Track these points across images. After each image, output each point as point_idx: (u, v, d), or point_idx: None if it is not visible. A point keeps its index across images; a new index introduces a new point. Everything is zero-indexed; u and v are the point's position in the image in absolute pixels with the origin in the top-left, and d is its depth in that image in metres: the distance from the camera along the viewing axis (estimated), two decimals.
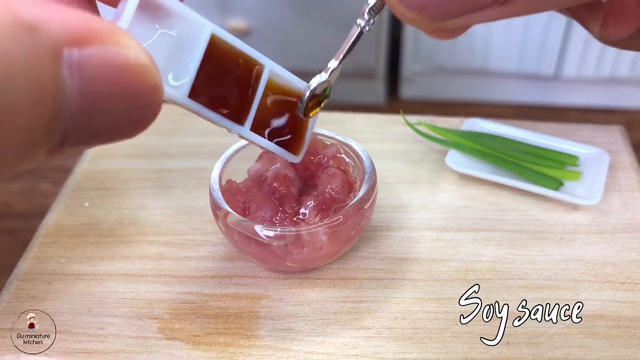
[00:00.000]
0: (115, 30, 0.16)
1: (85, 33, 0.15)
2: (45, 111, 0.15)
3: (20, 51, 0.14)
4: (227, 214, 0.32)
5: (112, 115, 0.16)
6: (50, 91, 0.14)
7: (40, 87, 0.14)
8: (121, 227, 0.38)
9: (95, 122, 0.16)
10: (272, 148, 0.29)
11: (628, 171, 0.42)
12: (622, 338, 0.31)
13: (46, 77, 0.14)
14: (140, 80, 0.16)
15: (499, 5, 0.20)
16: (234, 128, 0.27)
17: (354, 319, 0.32)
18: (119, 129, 0.17)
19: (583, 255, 0.36)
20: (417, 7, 0.20)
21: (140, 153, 0.45)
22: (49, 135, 0.15)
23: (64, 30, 0.15)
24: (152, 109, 0.17)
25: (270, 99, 0.28)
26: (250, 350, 0.31)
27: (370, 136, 0.46)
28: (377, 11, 0.25)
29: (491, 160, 0.41)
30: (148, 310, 0.33)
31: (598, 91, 1.22)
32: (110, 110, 0.16)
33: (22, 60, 0.14)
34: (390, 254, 0.36)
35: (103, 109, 0.16)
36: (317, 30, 1.14)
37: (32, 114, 0.14)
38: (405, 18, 0.21)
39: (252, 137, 0.28)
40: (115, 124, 0.17)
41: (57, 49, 0.15)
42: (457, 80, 1.24)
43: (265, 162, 0.34)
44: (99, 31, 0.15)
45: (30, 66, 0.14)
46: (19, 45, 0.14)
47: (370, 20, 0.25)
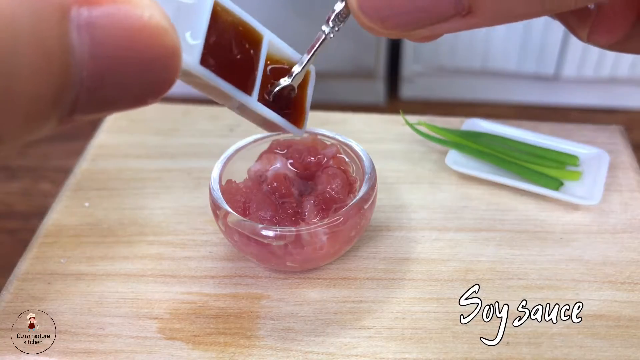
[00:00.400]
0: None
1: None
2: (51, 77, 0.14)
3: (23, 11, 0.13)
4: (227, 214, 0.32)
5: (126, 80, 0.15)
6: (57, 55, 0.13)
7: (46, 51, 0.13)
8: (121, 227, 0.38)
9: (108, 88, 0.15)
10: (278, 120, 0.28)
11: (628, 171, 0.42)
12: (622, 338, 0.31)
13: (52, 39, 0.13)
14: (155, 41, 0.15)
15: (460, 17, 0.20)
16: (242, 98, 0.26)
17: (354, 319, 0.32)
18: (133, 96, 0.16)
19: (583, 255, 0.36)
20: (380, 19, 0.20)
21: (140, 153, 0.45)
22: (57, 103, 0.14)
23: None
24: (169, 74, 0.16)
25: (270, 69, 0.27)
26: (250, 350, 0.31)
27: (370, 136, 0.46)
28: (342, 19, 0.25)
29: (491, 160, 0.41)
30: (148, 310, 0.33)
31: (598, 91, 1.22)
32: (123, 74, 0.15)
33: (25, 21, 0.13)
34: (390, 254, 0.36)
35: (116, 73, 0.15)
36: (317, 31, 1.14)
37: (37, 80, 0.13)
38: (370, 29, 0.21)
39: (259, 108, 0.27)
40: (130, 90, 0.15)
41: (64, 8, 0.13)
42: (457, 80, 1.24)
43: (265, 162, 0.34)
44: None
45: (34, 28, 0.13)
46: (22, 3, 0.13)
47: (335, 27, 0.25)
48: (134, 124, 0.48)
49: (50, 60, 0.13)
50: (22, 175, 1.07)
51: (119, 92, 0.15)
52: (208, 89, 0.25)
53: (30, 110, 0.14)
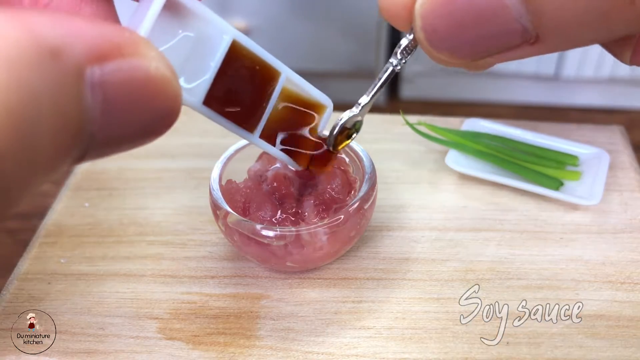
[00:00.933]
0: (135, 39, 0.15)
1: (107, 47, 0.15)
2: (67, 138, 0.14)
3: (45, 82, 0.13)
4: (227, 214, 0.32)
5: (130, 129, 0.16)
6: (73, 118, 0.14)
7: (64, 114, 0.14)
8: (121, 227, 0.38)
9: (115, 137, 0.16)
10: (278, 155, 0.29)
11: (628, 171, 0.42)
12: (622, 338, 0.31)
13: (70, 104, 0.14)
14: (160, 92, 0.16)
15: (528, 45, 0.20)
16: (243, 135, 0.27)
17: (354, 319, 0.32)
18: (137, 139, 0.17)
19: (583, 255, 0.36)
20: (449, 50, 0.21)
21: (140, 153, 0.45)
22: (69, 155, 0.15)
23: (87, 49, 0.14)
24: (170, 118, 0.17)
25: (282, 106, 0.28)
26: (250, 350, 0.31)
27: (370, 136, 0.46)
28: (409, 51, 0.25)
29: (491, 160, 0.41)
30: (148, 310, 0.33)
31: (598, 91, 1.22)
32: (129, 125, 0.16)
33: (47, 92, 0.13)
34: (390, 254, 0.36)
35: (122, 124, 0.16)
36: (317, 31, 1.14)
37: (55, 138, 0.14)
38: (438, 59, 0.22)
39: (260, 144, 0.28)
40: (134, 136, 0.16)
41: (80, 71, 0.14)
42: (457, 80, 1.24)
43: (265, 162, 0.34)
44: (119, 44, 0.15)
45: (55, 97, 0.13)
46: (44, 75, 0.13)
47: (402, 60, 0.25)
48: None
49: (67, 123, 0.14)
50: None
51: (125, 138, 0.16)
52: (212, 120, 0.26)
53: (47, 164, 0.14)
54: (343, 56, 1.17)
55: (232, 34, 0.24)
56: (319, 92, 0.29)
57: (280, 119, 0.28)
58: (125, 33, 0.15)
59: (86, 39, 0.14)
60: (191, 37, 0.23)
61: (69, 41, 0.14)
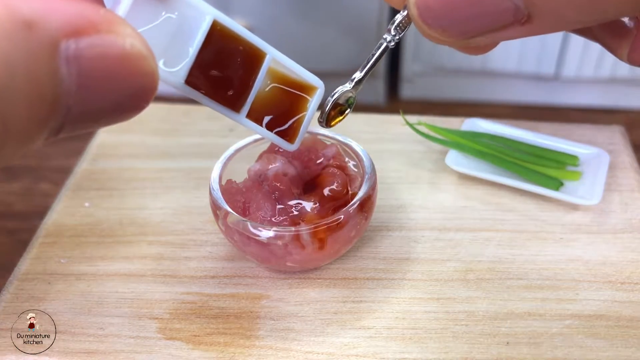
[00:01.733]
0: (111, 18, 0.16)
1: (82, 24, 0.15)
2: (42, 108, 0.15)
3: (19, 51, 0.14)
4: (227, 214, 0.32)
5: (107, 103, 0.16)
6: (48, 89, 0.15)
7: (38, 86, 0.14)
8: (121, 227, 0.38)
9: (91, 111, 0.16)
10: (267, 135, 0.29)
11: (628, 171, 0.42)
12: (622, 338, 0.31)
13: (45, 75, 0.14)
14: (135, 68, 0.16)
15: (520, 24, 0.20)
16: (229, 115, 0.27)
17: (354, 319, 0.32)
18: (113, 116, 0.17)
19: (583, 255, 0.36)
20: (441, 27, 0.21)
21: (140, 153, 0.45)
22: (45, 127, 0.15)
23: (62, 24, 0.15)
24: (146, 95, 0.17)
25: (270, 87, 0.28)
26: (250, 350, 0.31)
27: (370, 136, 0.46)
28: (403, 28, 0.25)
29: (491, 160, 0.41)
30: (148, 310, 0.33)
31: (598, 91, 1.22)
32: (105, 99, 0.16)
33: (21, 61, 0.14)
34: (390, 254, 0.36)
35: (99, 98, 0.16)
36: (317, 30, 1.14)
37: (30, 109, 0.14)
38: (430, 37, 0.22)
39: (247, 124, 0.28)
40: (110, 111, 0.17)
41: (54, 44, 0.14)
42: (457, 80, 1.24)
43: (265, 162, 0.34)
44: (94, 21, 0.15)
45: (29, 66, 0.14)
46: (18, 44, 0.14)
47: (396, 36, 0.26)
48: (134, 124, 0.48)
49: (42, 93, 0.14)
50: (22, 175, 1.07)
51: (101, 113, 0.17)
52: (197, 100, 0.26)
53: (22, 133, 0.15)
54: (343, 56, 1.17)
55: (213, 15, 0.25)
56: (310, 73, 0.29)
57: (269, 100, 0.28)
58: (100, 11, 0.16)
59: (61, 14, 0.15)
60: (174, 19, 0.23)
61: (43, 14, 0.14)
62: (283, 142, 0.30)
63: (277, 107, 0.29)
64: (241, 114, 0.27)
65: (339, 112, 0.29)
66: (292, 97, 0.29)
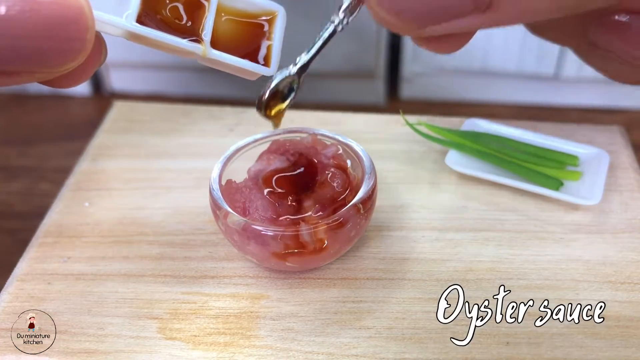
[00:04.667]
0: None
1: None
2: None
3: None
4: (227, 214, 0.32)
5: (31, 42, 0.15)
6: None
7: None
8: (121, 227, 0.38)
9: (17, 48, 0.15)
10: (239, 63, 0.26)
11: (628, 171, 0.42)
12: (622, 338, 0.31)
13: None
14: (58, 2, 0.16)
15: (480, 12, 0.19)
16: (192, 48, 0.25)
17: (354, 319, 0.32)
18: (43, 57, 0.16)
19: (583, 255, 0.36)
20: (395, 11, 0.20)
21: (140, 153, 0.45)
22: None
23: None
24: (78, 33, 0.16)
25: (226, 19, 0.26)
26: (250, 350, 0.31)
27: (370, 136, 0.46)
28: (352, 11, 0.24)
29: (491, 160, 0.41)
30: (148, 310, 0.33)
31: (598, 91, 1.22)
32: (28, 36, 0.15)
33: None
34: (390, 254, 0.36)
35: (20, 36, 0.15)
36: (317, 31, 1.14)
37: None
38: (384, 21, 0.21)
39: (215, 55, 0.26)
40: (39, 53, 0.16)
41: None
42: (457, 80, 1.24)
43: (265, 162, 0.34)
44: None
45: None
46: None
47: (345, 19, 0.24)
48: (134, 124, 0.48)
49: None
50: (22, 175, 1.07)
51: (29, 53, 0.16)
52: (164, 47, 0.24)
53: None
54: (343, 56, 1.16)
55: None
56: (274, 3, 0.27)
57: (230, 33, 0.26)
58: None
59: None
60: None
61: None
62: (259, 67, 0.27)
63: (240, 40, 0.27)
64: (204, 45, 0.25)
65: (280, 99, 0.27)
66: (253, 27, 0.27)
